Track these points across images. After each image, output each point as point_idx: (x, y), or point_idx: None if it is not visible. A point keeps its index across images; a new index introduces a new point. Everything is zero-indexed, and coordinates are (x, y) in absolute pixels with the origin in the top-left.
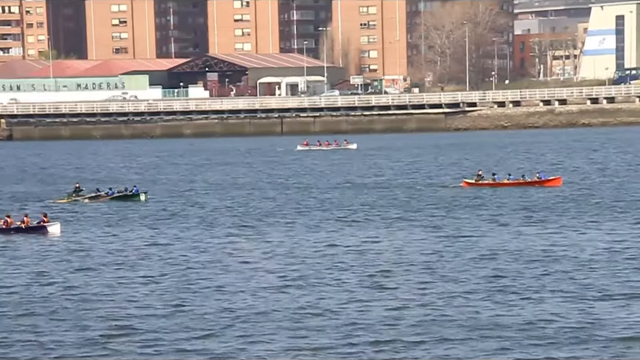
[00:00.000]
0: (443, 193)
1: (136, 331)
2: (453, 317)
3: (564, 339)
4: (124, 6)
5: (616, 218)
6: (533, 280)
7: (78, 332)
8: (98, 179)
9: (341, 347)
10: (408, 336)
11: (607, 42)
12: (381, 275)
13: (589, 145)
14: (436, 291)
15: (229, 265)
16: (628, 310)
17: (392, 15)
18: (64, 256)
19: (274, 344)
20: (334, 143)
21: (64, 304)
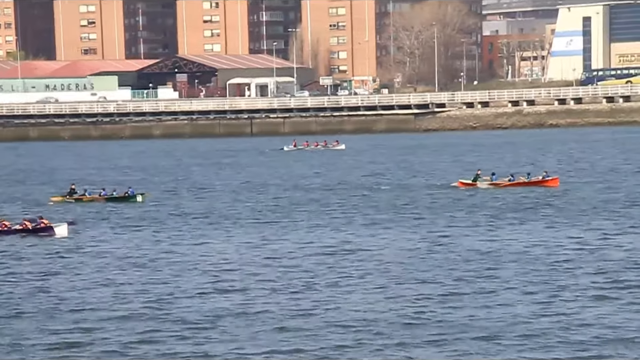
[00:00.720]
0: (437, 193)
1: (157, 335)
2: (427, 319)
3: (555, 338)
4: (93, 7)
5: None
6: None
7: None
8: (92, 181)
9: (325, 348)
10: (390, 337)
11: (574, 44)
12: (370, 274)
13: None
14: (419, 293)
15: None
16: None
17: (362, 16)
18: (75, 257)
19: (259, 347)
20: (322, 143)
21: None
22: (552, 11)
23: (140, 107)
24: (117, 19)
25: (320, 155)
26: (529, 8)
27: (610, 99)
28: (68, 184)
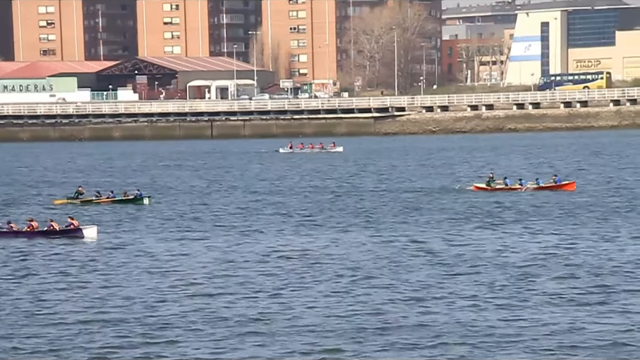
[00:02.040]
0: (451, 197)
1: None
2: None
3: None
4: (52, 8)
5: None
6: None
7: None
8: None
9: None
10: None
11: (532, 49)
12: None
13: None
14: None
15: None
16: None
17: (322, 19)
18: (104, 258)
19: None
20: (318, 145)
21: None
22: (510, 16)
23: (99, 109)
24: (76, 20)
25: (318, 158)
26: (488, 13)
27: (568, 104)
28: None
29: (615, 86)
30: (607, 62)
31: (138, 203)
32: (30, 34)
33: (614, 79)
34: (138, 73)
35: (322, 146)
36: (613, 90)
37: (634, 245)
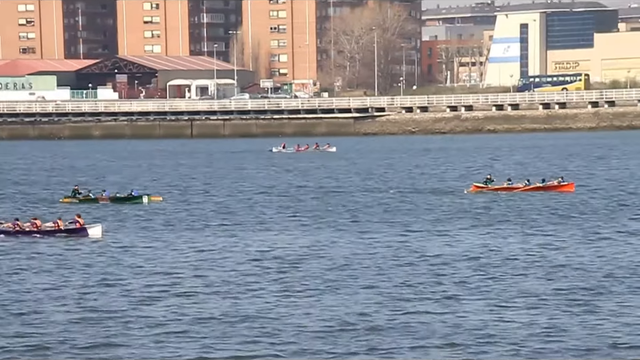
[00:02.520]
0: (450, 198)
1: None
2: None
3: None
4: (32, 6)
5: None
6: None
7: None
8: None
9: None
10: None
11: (511, 50)
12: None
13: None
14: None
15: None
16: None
17: (302, 19)
18: (109, 257)
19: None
20: (314, 146)
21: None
22: (490, 18)
23: (79, 108)
24: (56, 19)
25: (315, 157)
26: (467, 14)
27: (547, 105)
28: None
29: (593, 88)
30: (586, 64)
31: (137, 202)
32: (9, 32)
33: (592, 81)
34: (118, 72)
35: (317, 146)
36: (591, 92)
37: (622, 247)
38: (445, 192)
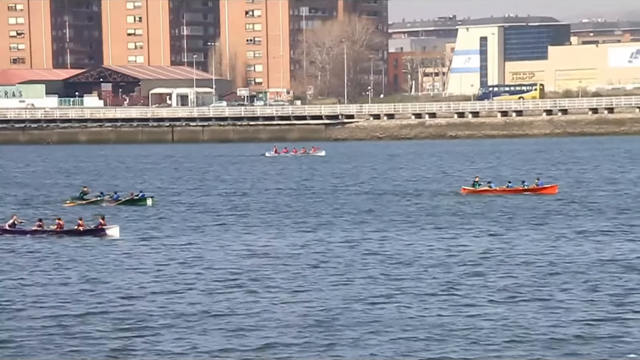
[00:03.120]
0: (442, 199)
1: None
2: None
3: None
4: (22, 19)
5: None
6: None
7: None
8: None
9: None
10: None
11: (472, 61)
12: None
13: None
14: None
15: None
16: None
17: (277, 32)
18: (125, 259)
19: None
20: (301, 150)
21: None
22: (452, 31)
23: (66, 114)
24: (45, 31)
25: (302, 160)
26: (431, 28)
27: (505, 113)
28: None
29: (548, 97)
30: (541, 75)
31: (141, 204)
32: (1, 43)
33: (546, 91)
34: (103, 81)
35: (305, 151)
36: (546, 101)
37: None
38: (440, 194)
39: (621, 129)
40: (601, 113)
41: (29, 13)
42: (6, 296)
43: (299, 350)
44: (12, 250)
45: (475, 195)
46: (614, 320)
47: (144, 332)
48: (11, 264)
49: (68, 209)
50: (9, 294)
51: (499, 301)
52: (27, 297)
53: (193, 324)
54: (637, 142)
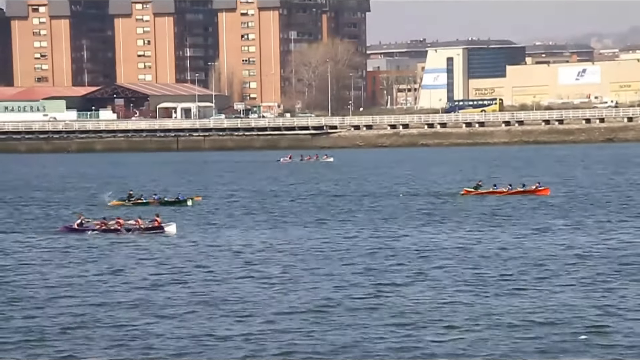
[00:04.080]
0: (443, 201)
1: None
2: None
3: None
4: (45, 42)
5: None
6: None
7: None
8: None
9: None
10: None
11: (440, 79)
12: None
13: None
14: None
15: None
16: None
17: (269, 53)
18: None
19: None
20: (314, 157)
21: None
22: (422, 52)
23: (84, 126)
24: (65, 53)
25: (315, 166)
26: (404, 49)
27: (469, 124)
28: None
29: (506, 110)
30: (500, 91)
31: (182, 204)
32: (27, 64)
33: (505, 104)
34: (116, 96)
35: (317, 157)
36: (505, 114)
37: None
38: (443, 195)
39: (570, 138)
40: (552, 124)
41: (51, 37)
42: (79, 288)
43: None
44: (80, 247)
45: (477, 196)
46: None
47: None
48: (81, 258)
49: (113, 209)
50: (82, 286)
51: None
52: (101, 289)
53: (276, 307)
54: (582, 149)
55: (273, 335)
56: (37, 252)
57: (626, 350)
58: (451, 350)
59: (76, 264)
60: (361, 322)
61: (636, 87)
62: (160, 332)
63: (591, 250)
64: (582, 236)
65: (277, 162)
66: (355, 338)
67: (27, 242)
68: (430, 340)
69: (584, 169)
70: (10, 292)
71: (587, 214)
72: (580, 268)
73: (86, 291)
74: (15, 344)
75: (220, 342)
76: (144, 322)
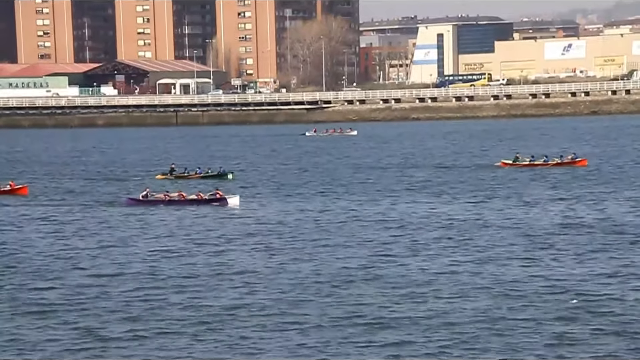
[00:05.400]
0: (483, 172)
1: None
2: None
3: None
4: (47, 21)
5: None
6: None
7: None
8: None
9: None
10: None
11: (430, 55)
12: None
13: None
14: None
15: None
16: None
17: (264, 30)
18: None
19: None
20: (339, 130)
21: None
22: (413, 29)
23: (86, 102)
24: (67, 31)
25: (338, 140)
26: (396, 26)
27: (459, 98)
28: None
29: (495, 85)
30: (489, 66)
31: (223, 178)
32: (30, 42)
33: (493, 79)
34: (117, 73)
35: (341, 131)
36: (493, 88)
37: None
38: (481, 167)
39: (556, 111)
40: (539, 98)
41: (53, 16)
42: (147, 260)
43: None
44: (146, 220)
45: (516, 168)
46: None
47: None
48: (151, 229)
49: (158, 182)
50: (150, 257)
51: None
52: (172, 260)
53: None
54: (567, 122)
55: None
56: (110, 224)
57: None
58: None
59: (161, 236)
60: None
61: (620, 62)
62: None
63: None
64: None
65: (303, 135)
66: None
67: (98, 214)
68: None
69: (609, 141)
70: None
71: (630, 183)
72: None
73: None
74: (118, 315)
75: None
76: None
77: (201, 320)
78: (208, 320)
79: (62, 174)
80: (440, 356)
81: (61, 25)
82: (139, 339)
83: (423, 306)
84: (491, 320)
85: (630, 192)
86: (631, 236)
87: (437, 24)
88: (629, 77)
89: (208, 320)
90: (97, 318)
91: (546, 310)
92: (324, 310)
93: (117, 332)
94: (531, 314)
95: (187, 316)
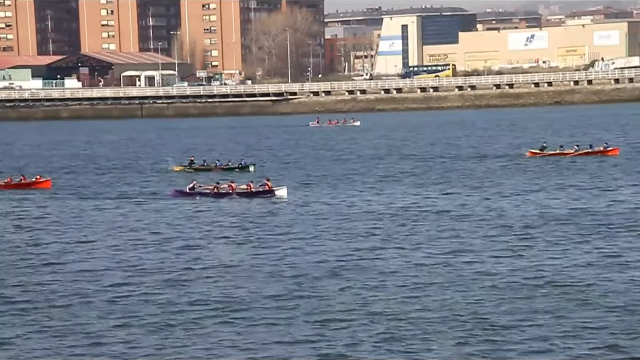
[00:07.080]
0: (510, 162)
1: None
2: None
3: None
4: (9, 12)
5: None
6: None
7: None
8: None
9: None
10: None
11: (395, 46)
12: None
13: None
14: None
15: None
16: None
17: (229, 22)
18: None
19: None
20: (342, 121)
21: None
22: (378, 20)
23: (50, 95)
24: (30, 23)
25: (341, 130)
26: (360, 17)
27: (423, 89)
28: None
29: (459, 75)
30: (453, 57)
31: (245, 170)
32: None
33: (458, 70)
34: (81, 65)
35: (344, 121)
36: (457, 79)
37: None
38: (507, 157)
39: (519, 102)
40: (503, 88)
41: (16, 8)
42: (196, 249)
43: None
44: (194, 210)
45: (544, 157)
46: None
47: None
48: (200, 221)
49: (179, 174)
50: (199, 246)
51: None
52: (216, 251)
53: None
54: (532, 112)
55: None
56: (158, 216)
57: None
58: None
59: (214, 227)
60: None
61: (582, 52)
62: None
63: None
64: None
65: (306, 126)
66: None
67: (140, 207)
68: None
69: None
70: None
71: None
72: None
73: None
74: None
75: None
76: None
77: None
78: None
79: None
80: (433, 350)
81: (24, 18)
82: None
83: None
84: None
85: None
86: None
87: (402, 15)
88: (591, 67)
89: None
90: (177, 313)
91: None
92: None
93: (196, 329)
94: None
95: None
